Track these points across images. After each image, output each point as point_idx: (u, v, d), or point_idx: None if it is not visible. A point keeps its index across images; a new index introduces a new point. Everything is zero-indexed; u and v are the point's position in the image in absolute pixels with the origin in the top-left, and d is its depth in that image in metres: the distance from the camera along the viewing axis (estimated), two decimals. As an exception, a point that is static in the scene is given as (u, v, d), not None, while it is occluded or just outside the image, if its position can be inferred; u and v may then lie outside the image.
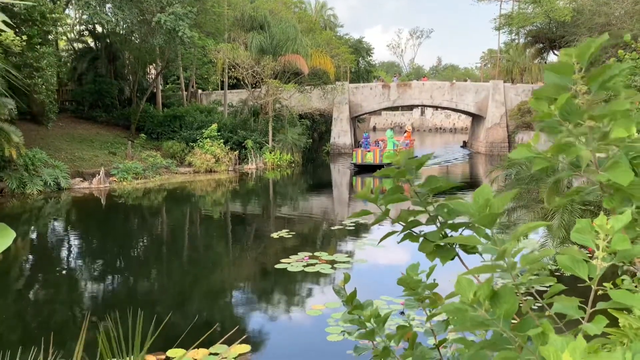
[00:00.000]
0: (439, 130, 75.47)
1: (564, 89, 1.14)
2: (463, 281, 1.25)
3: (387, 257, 12.58)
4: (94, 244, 15.32)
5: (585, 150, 1.18)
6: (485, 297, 1.18)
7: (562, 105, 1.13)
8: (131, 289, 10.98)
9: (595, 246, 1.17)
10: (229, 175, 27.87)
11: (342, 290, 1.91)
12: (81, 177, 23.28)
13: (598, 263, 1.18)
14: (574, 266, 1.21)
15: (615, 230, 1.13)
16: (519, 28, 46.90)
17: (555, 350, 0.91)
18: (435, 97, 40.61)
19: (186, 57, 32.35)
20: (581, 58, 1.12)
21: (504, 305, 1.19)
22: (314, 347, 7.61)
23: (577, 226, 1.23)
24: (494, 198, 1.18)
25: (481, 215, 1.13)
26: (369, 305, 1.88)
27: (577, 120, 1.15)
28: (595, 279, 1.19)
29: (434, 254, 1.46)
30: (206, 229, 17.67)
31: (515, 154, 1.36)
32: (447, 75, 77.08)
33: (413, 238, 1.51)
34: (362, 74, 63.63)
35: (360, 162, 30.90)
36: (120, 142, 28.83)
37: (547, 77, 1.17)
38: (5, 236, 1.02)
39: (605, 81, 1.13)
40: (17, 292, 10.67)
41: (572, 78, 1.13)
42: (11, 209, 18.57)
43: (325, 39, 40.68)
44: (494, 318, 1.13)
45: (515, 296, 1.20)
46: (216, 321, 9.08)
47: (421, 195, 1.44)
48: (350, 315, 1.84)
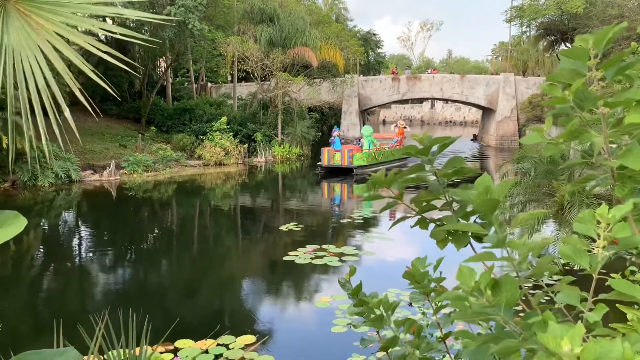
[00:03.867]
0: (449, 123, 75.10)
1: (578, 74, 1.13)
2: (464, 270, 1.25)
3: (396, 249, 12.58)
4: (104, 235, 15.46)
5: (598, 136, 1.18)
6: (485, 285, 1.18)
7: (576, 90, 1.12)
8: (141, 280, 11.08)
9: (597, 235, 1.17)
10: (238, 168, 27.95)
11: (348, 283, 1.91)
12: (92, 169, 23.46)
13: (599, 252, 1.18)
14: (576, 256, 1.21)
15: (616, 219, 1.12)
16: (531, 20, 46.44)
17: (554, 337, 0.91)
18: (445, 90, 40.38)
19: (196, 50, 32.40)
20: (598, 44, 1.11)
21: (505, 293, 1.19)
22: (321, 339, 7.65)
23: (580, 216, 1.23)
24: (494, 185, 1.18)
25: (481, 200, 1.13)
26: (375, 297, 1.88)
27: (591, 107, 1.14)
28: (596, 268, 1.19)
29: (446, 241, 1.43)
30: (216, 221, 17.76)
31: (528, 139, 1.35)
32: (457, 68, 76.60)
33: (425, 225, 1.48)
34: (372, 67, 63.39)
35: (326, 164, 26.11)
36: (131, 135, 29.00)
37: (562, 63, 1.16)
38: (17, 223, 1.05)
39: (623, 69, 1.12)
40: (28, 282, 10.80)
41: (588, 64, 1.12)
42: (23, 201, 18.77)
43: (335, 31, 40.53)
44: (494, 306, 1.13)
45: (517, 285, 1.20)
46: (223, 312, 9.15)
47: (440, 179, 1.39)
48: (356, 307, 1.85)
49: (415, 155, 1.34)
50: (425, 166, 1.34)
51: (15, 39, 2.90)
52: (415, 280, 1.77)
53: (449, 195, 1.33)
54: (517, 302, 1.19)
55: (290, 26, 31.57)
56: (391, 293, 8.78)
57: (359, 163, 25.79)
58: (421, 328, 1.76)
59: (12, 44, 2.93)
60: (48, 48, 2.95)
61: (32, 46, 2.91)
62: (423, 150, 1.30)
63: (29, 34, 2.80)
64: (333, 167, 25.91)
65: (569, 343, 0.91)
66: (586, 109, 1.09)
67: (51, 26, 2.83)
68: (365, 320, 1.86)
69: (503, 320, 1.19)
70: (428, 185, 1.41)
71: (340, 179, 24.86)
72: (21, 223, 1.03)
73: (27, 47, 2.91)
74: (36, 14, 2.79)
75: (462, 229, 1.27)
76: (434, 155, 1.36)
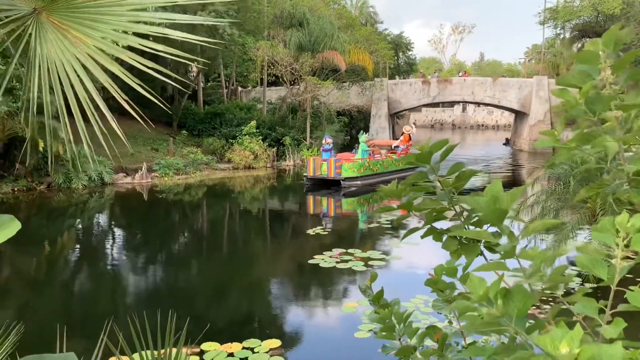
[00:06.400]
0: (481, 127, 74.05)
1: (589, 77, 1.08)
2: (474, 279, 1.21)
3: (424, 255, 12.42)
4: (135, 236, 15.74)
5: (612, 141, 1.12)
6: (495, 294, 1.14)
7: (587, 93, 1.08)
8: (170, 282, 11.23)
9: (615, 245, 1.11)
10: (267, 172, 28.12)
11: (369, 289, 1.88)
12: (124, 172, 23.95)
13: (618, 263, 1.12)
14: (593, 266, 1.16)
15: (635, 229, 1.06)
16: (565, 22, 45.43)
17: (552, 339, 0.87)
18: (476, 93, 39.83)
19: (226, 55, 32.80)
20: (607, 46, 1.06)
21: (516, 303, 1.15)
22: (345, 345, 7.59)
23: (598, 224, 1.17)
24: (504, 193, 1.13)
25: (489, 209, 1.09)
26: (396, 304, 1.84)
27: (603, 110, 1.09)
28: (615, 279, 1.13)
29: (459, 252, 1.40)
30: (244, 224, 17.90)
31: (540, 143, 1.30)
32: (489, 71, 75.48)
33: (436, 236, 1.45)
34: (402, 70, 63.03)
35: (312, 175, 23.16)
36: (163, 139, 29.50)
37: (576, 67, 1.12)
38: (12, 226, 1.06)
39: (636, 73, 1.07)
40: (62, 282, 11.07)
41: (600, 67, 1.08)
42: (58, 203, 19.28)
43: (364, 35, 40.44)
44: (503, 316, 1.09)
45: (528, 295, 1.15)
46: (249, 315, 9.19)
47: (446, 188, 1.34)
48: (376, 314, 1.81)
49: (416, 162, 1.29)
50: (429, 175, 1.28)
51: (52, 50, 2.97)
52: (438, 288, 1.72)
53: (456, 204, 1.28)
54: (527, 311, 1.14)
55: (319, 30, 31.67)
56: (419, 300, 8.67)
57: (348, 174, 22.55)
58: (446, 336, 1.71)
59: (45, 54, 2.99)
60: (90, 61, 3.00)
61: (70, 58, 2.97)
62: (422, 156, 1.25)
63: (67, 47, 2.87)
64: (320, 179, 22.96)
65: (567, 345, 0.87)
66: (598, 112, 1.03)
67: (91, 41, 2.89)
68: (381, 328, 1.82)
69: (514, 331, 1.14)
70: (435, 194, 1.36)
71: (328, 192, 22.04)
72: (15, 226, 1.04)
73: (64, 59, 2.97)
74: (74, 28, 2.85)
75: (471, 236, 1.23)
76: (437, 163, 1.29)
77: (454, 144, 1.36)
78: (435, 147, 1.30)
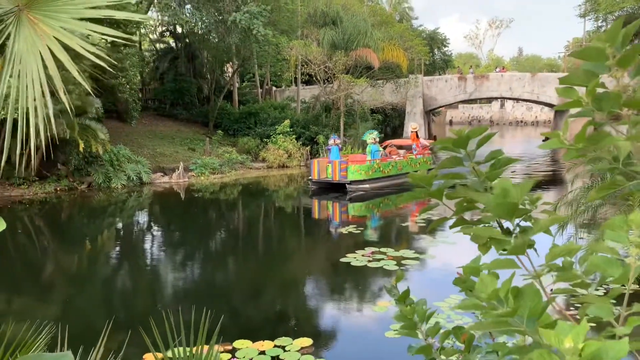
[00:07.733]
0: (520, 123, 72.36)
1: (594, 74, 1.06)
2: (484, 277, 1.19)
3: (459, 254, 12.24)
4: (173, 234, 16.07)
5: (624, 140, 1.09)
6: (505, 293, 1.12)
7: (592, 91, 1.05)
8: (206, 279, 11.42)
9: (629, 243, 1.08)
10: (300, 171, 28.25)
11: (394, 289, 1.87)
12: (162, 172, 24.47)
13: (632, 262, 1.09)
14: (606, 265, 1.13)
15: (649, 226, 1.03)
16: (607, 14, 43.91)
17: (557, 334, 0.86)
18: (514, 89, 39.00)
19: (261, 55, 33.10)
20: (613, 41, 1.03)
21: (528, 303, 1.13)
22: (376, 344, 7.56)
23: (611, 221, 1.14)
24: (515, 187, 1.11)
25: (497, 203, 1.07)
26: (423, 304, 1.83)
27: (611, 108, 1.06)
28: (630, 279, 1.10)
29: (488, 246, 1.35)
30: (278, 222, 18.04)
31: (546, 145, 1.27)
32: (528, 66, 73.73)
33: (465, 228, 1.38)
34: (438, 66, 62.21)
35: (317, 178, 21.62)
36: (199, 139, 30.00)
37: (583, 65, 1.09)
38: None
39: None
40: (101, 279, 11.40)
41: (606, 64, 1.05)
42: (98, 202, 19.87)
43: (399, 31, 40.10)
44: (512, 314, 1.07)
45: (540, 294, 1.12)
46: (281, 313, 9.26)
47: (481, 177, 1.24)
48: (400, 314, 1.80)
49: (452, 147, 1.22)
50: (464, 161, 1.21)
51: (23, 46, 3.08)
52: (467, 287, 1.70)
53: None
54: (539, 311, 1.12)
55: (353, 28, 31.56)
56: (453, 300, 8.54)
57: (354, 177, 21.08)
58: (472, 337, 1.69)
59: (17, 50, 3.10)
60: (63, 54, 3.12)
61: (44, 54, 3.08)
62: (459, 140, 1.18)
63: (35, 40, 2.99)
64: (325, 182, 21.51)
65: (572, 340, 0.85)
66: (606, 110, 1.01)
67: (51, 31, 3.00)
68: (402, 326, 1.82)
69: (525, 331, 1.12)
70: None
71: (334, 196, 20.95)
72: (0, 226, 1.09)
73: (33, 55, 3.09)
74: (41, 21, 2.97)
75: (480, 234, 1.21)
76: (473, 150, 1.23)
77: (493, 132, 1.32)
78: (473, 133, 1.24)
